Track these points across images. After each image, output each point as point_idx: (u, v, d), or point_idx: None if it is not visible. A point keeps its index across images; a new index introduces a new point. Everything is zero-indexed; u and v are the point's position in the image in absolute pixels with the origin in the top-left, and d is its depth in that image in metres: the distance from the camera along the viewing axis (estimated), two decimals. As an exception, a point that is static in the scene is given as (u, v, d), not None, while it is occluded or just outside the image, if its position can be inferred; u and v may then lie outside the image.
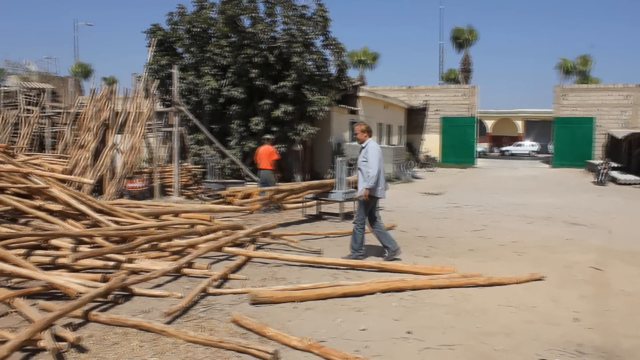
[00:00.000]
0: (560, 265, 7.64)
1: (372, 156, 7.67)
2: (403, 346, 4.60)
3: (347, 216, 11.95)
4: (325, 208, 12.78)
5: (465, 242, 9.41)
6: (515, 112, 58.69)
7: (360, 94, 24.45)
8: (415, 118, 34.99)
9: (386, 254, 7.83)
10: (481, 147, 47.40)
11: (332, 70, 20.58)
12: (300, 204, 12.54)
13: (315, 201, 12.30)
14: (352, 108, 23.77)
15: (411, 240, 9.51)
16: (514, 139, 58.36)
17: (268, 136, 15.51)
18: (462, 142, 34.42)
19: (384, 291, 6.06)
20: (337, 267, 7.24)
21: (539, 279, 6.74)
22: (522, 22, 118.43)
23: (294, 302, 5.68)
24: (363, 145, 7.93)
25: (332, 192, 11.77)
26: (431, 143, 34.85)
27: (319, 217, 12.13)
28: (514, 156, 52.30)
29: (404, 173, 23.49)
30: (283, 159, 18.96)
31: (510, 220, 11.98)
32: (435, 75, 63.87)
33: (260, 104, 18.54)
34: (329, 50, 20.10)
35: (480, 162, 36.69)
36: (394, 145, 27.28)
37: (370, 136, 8.07)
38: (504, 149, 56.35)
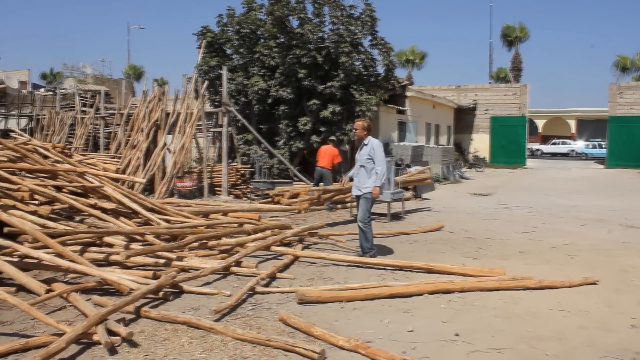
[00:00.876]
0: (615, 269, 7.40)
1: (379, 154, 7.81)
2: (451, 348, 4.55)
3: (395, 217, 11.90)
4: (372, 208, 12.72)
5: (515, 244, 9.22)
6: (568, 111, 57.06)
7: (408, 93, 24.26)
8: (464, 118, 34.47)
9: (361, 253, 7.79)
10: (533, 145, 45.92)
11: (380, 69, 20.50)
12: (348, 204, 12.55)
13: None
14: (400, 108, 23.61)
15: (460, 241, 9.39)
16: (566, 139, 56.39)
17: (332, 137, 15.59)
18: (512, 142, 33.67)
19: (431, 292, 6.00)
20: (385, 267, 7.21)
21: (593, 283, 6.54)
22: (575, 18, 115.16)
23: (341, 302, 5.68)
24: (365, 142, 8.01)
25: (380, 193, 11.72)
26: (480, 143, 34.24)
27: (366, 217, 12.08)
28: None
29: (452, 173, 23.20)
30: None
31: (562, 222, 11.68)
32: (485, 74, 62.90)
33: (309, 104, 18.60)
34: (376, 49, 20.01)
35: (530, 162, 35.86)
36: (442, 145, 26.98)
37: (370, 134, 8.09)
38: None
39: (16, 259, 6.16)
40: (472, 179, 24.37)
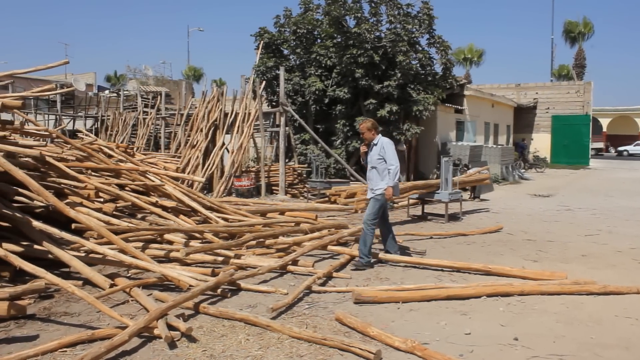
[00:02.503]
0: (686, 275, 7.07)
1: (390, 152, 7.37)
2: (510, 353, 4.45)
3: (452, 217, 11.74)
4: (429, 209, 12.62)
5: (577, 247, 8.94)
6: (636, 109, 54.74)
7: (466, 92, 23.87)
8: (524, 117, 33.62)
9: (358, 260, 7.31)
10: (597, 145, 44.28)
11: (438, 68, 20.27)
12: (405, 204, 12.46)
13: (419, 201, 12.18)
14: (458, 107, 23.27)
15: (519, 243, 9.18)
16: (634, 138, 54.06)
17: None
18: (575, 142, 32.62)
19: (490, 295, 5.88)
20: (442, 268, 7.12)
21: (663, 290, 6.27)
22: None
23: (398, 302, 5.65)
24: (374, 142, 7.53)
25: (438, 193, 11.61)
26: (541, 143, 33.32)
27: (423, 217, 11.99)
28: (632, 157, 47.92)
29: (512, 174, 22.69)
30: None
31: (628, 225, 11.24)
32: (546, 72, 61.24)
33: (365, 104, 18.56)
34: (434, 48, 19.80)
35: (594, 162, 34.66)
36: (501, 145, 26.42)
37: (378, 133, 7.64)
38: (621, 148, 51.95)
39: (83, 254, 6.40)
40: (532, 179, 23.76)
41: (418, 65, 19.28)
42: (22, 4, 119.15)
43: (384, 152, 7.38)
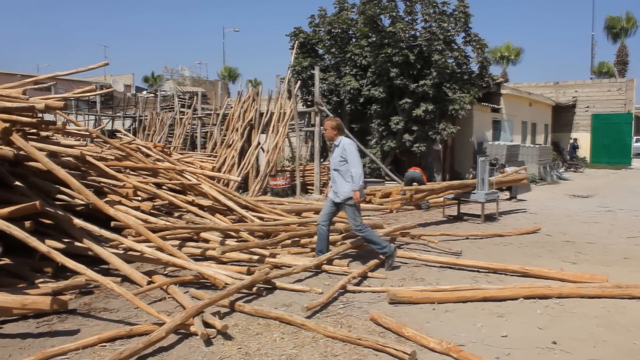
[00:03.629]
0: None
1: (352, 155, 7.01)
2: (548, 357, 4.37)
3: (489, 218, 11.59)
4: (465, 209, 12.49)
5: (619, 249, 8.72)
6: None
7: (503, 91, 23.54)
8: (562, 116, 32.95)
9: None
10: None
11: (474, 67, 20.03)
12: (441, 204, 12.37)
13: (455, 202, 12.07)
14: (495, 106, 22.96)
15: (558, 245, 9.01)
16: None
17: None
18: (616, 141, 31.80)
19: (527, 297, 5.79)
20: (478, 269, 7.04)
21: None
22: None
23: (433, 303, 5.61)
24: (336, 143, 7.25)
25: (474, 193, 11.48)
26: (580, 142, 32.60)
27: (459, 218, 11.88)
28: None
29: (550, 174, 22.29)
30: (423, 158, 18.79)
31: (673, 227, 10.93)
32: (586, 69, 59.88)
33: (401, 103, 18.46)
34: (470, 46, 19.56)
35: (636, 162, 33.75)
36: (539, 145, 25.98)
37: (341, 133, 7.36)
38: None
39: (121, 252, 6.53)
40: (571, 179, 23.29)
41: (454, 64, 19.09)
42: (63, 8, 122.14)
43: (345, 154, 7.07)
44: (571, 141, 31.09)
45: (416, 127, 18.23)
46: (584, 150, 32.19)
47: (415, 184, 13.40)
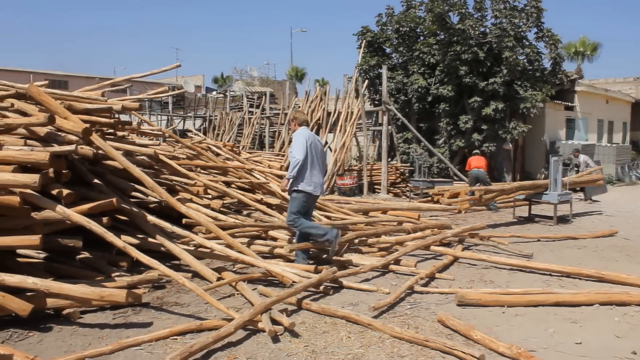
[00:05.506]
0: None
1: (294, 144, 6.65)
2: (626, 366, 4.19)
3: (562, 220, 11.22)
4: (537, 210, 12.13)
5: None
6: None
7: (578, 88, 22.71)
8: (643, 113, 31.42)
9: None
10: None
11: (546, 63, 19.45)
12: (511, 205, 12.07)
13: (526, 203, 11.74)
14: (568, 104, 22.20)
15: (637, 249, 8.61)
16: None
17: (477, 152, 15.19)
18: None
19: (603, 303, 5.55)
20: (550, 273, 6.82)
21: None
22: None
23: (503, 306, 5.47)
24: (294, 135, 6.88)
25: (546, 194, 11.14)
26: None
27: (530, 219, 11.55)
28: None
29: (628, 174, 21.36)
30: (493, 158, 18.39)
31: None
32: (671, 64, 56.67)
33: (470, 102, 18.14)
34: (542, 42, 19.03)
35: None
36: (617, 144, 24.91)
37: (301, 125, 6.89)
38: None
39: (192, 248, 6.70)
40: (651, 180, 22.23)
41: (525, 60, 18.61)
42: (138, 14, 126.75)
43: (292, 144, 6.81)
44: None
45: (485, 126, 17.88)
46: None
47: (479, 183, 13.14)
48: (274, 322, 4.69)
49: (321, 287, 5.84)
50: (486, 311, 5.37)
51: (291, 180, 6.66)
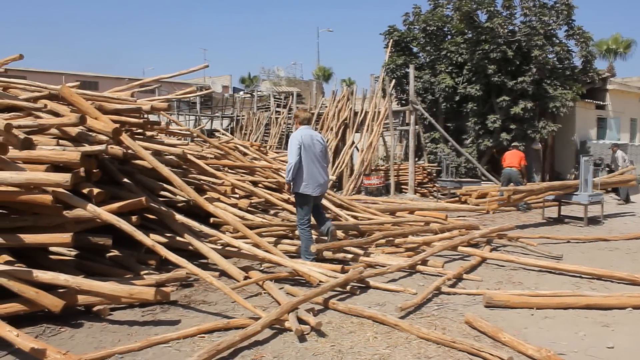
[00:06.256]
0: None
1: (289, 147, 6.86)
2: (660, 371, 4.10)
3: (592, 221, 11.04)
4: (567, 211, 11.95)
5: None
6: None
7: (609, 86, 22.28)
8: (679, 112, 30.67)
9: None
10: None
11: (577, 62, 19.15)
12: (540, 206, 11.91)
13: (556, 203, 11.57)
14: (600, 103, 21.81)
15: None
16: None
17: (516, 143, 14.94)
18: None
19: (636, 307, 5.42)
20: (580, 275, 6.70)
21: None
22: None
23: (531, 308, 5.40)
24: None
25: (576, 194, 10.96)
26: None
27: (560, 220, 11.38)
28: None
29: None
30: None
31: None
32: None
33: (498, 101, 17.96)
34: (573, 40, 18.73)
35: None
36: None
37: (302, 123, 7.08)
38: None
39: (219, 247, 6.76)
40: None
41: (555, 59, 18.36)
42: (167, 15, 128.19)
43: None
44: None
45: (514, 125, 17.68)
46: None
47: (512, 184, 12.98)
48: (301, 321, 4.70)
49: (348, 287, 5.83)
50: (514, 313, 5.31)
51: (292, 183, 6.86)
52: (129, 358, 4.13)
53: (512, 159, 13.53)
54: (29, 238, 5.12)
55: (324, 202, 9.12)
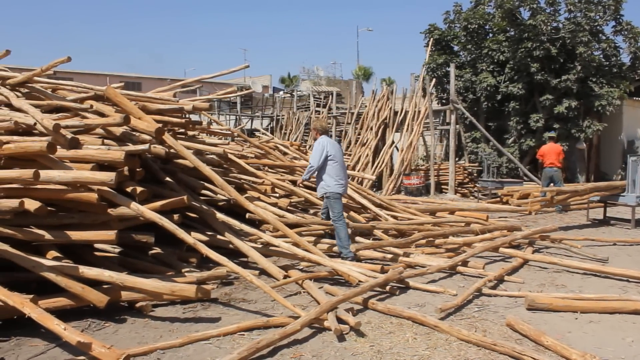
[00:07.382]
0: None
1: (313, 151, 7.53)
2: None
3: (640, 223, 10.72)
4: (613, 212, 11.64)
5: None
6: None
7: (660, 84, 21.61)
8: None
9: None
10: None
11: (625, 58, 18.60)
12: (585, 207, 11.63)
13: (601, 205, 11.28)
14: (649, 101, 21.17)
15: None
16: None
17: (552, 134, 14.47)
18: None
19: (687, 313, 5.27)
20: (628, 279, 6.52)
21: None
22: None
23: (575, 312, 5.28)
24: None
25: (623, 195, 10.66)
26: None
27: (605, 222, 11.09)
28: None
29: None
30: (566, 157, 17.79)
31: None
32: None
33: (541, 100, 17.61)
34: (621, 36, 18.20)
35: None
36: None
37: (321, 134, 7.66)
38: None
39: (259, 246, 6.82)
40: None
41: (601, 56, 17.88)
42: (208, 15, 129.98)
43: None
44: None
45: (557, 124, 17.30)
46: None
47: (552, 184, 12.71)
48: (340, 321, 4.71)
49: (387, 287, 5.82)
50: (557, 316, 5.20)
51: (323, 185, 7.43)
52: (170, 354, 4.20)
53: (551, 156, 13.14)
54: (75, 235, 5.26)
55: (363, 201, 9.12)
